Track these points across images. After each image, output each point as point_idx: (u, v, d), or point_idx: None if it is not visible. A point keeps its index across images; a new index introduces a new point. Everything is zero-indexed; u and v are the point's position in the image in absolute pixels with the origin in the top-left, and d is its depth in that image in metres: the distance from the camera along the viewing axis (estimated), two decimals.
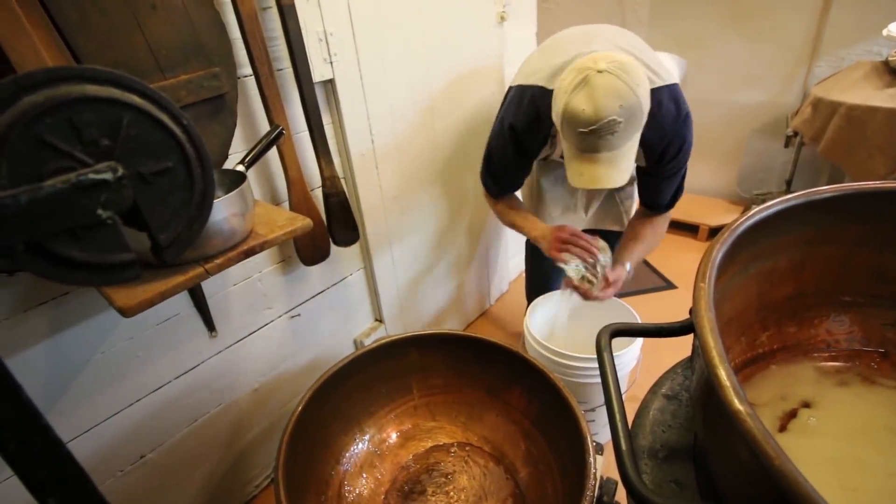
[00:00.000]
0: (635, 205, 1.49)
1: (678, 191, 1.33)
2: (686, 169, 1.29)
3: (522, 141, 1.25)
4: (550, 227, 1.33)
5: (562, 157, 1.37)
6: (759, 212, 0.56)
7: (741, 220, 0.55)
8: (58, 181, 0.26)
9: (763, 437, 0.34)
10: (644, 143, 1.15)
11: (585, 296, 1.26)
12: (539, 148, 1.27)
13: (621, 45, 1.13)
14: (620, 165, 1.03)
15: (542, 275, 1.84)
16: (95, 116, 0.33)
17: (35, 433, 0.29)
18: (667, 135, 1.15)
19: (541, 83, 1.15)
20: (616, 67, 0.96)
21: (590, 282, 1.25)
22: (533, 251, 1.83)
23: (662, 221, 1.40)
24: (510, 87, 1.29)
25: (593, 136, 0.99)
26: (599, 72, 0.96)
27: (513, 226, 1.46)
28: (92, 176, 0.28)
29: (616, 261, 1.32)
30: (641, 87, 0.99)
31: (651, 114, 1.07)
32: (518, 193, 1.53)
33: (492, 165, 1.39)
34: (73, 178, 0.27)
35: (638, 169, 1.32)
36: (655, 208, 1.37)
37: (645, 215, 1.41)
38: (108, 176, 0.29)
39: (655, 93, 1.09)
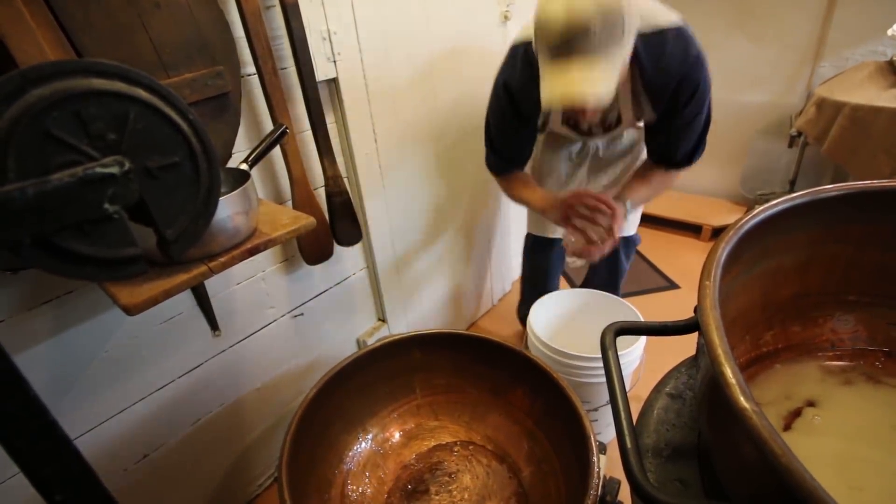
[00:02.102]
0: None
1: (698, 146, 1.22)
2: (707, 119, 1.19)
3: (519, 100, 1.18)
4: (556, 196, 1.28)
5: (563, 123, 1.34)
6: (764, 210, 0.56)
7: (746, 218, 0.55)
8: (64, 175, 0.26)
9: (769, 435, 0.33)
10: (650, 90, 1.11)
11: (590, 258, 1.21)
12: (536, 108, 1.18)
13: None
14: (597, 75, 0.91)
15: (538, 270, 1.84)
16: (102, 110, 0.33)
17: (42, 430, 0.29)
18: (673, 78, 1.08)
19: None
20: None
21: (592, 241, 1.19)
22: (532, 246, 1.82)
23: (674, 175, 1.30)
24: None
25: (565, 35, 0.89)
26: None
27: (519, 200, 1.41)
28: (99, 170, 0.28)
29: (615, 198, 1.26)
30: None
31: (654, 58, 1.05)
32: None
33: (491, 136, 1.33)
34: (80, 171, 0.27)
35: (648, 127, 1.25)
36: (669, 164, 1.26)
37: (656, 165, 1.31)
38: (114, 170, 0.29)
39: (658, 36, 1.05)
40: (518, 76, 1.16)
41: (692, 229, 2.69)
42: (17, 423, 0.28)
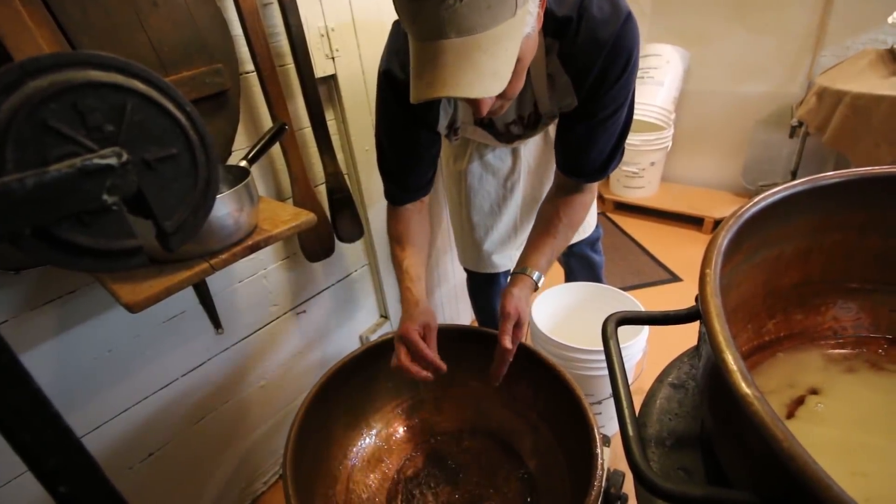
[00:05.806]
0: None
1: (616, 149, 0.96)
2: (630, 112, 0.94)
3: (406, 93, 0.77)
4: (416, 308, 1.01)
5: (476, 123, 1.09)
6: (764, 198, 0.56)
7: (747, 206, 0.55)
8: (63, 166, 0.27)
9: (772, 420, 0.33)
10: (571, 68, 0.86)
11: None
12: (431, 103, 0.90)
13: None
14: (478, 59, 0.64)
15: (485, 314, 1.68)
16: (100, 102, 0.34)
17: (46, 422, 0.30)
18: (601, 48, 0.81)
19: None
20: None
21: None
22: (471, 285, 1.66)
23: (580, 203, 1.03)
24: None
25: (429, 6, 0.62)
26: None
27: (393, 258, 1.11)
28: (97, 161, 0.28)
29: (518, 271, 1.02)
30: None
31: (577, 21, 0.80)
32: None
33: (383, 149, 1.05)
34: (78, 162, 0.27)
35: (562, 118, 0.98)
36: (577, 175, 1.00)
37: (558, 195, 1.05)
38: (112, 161, 0.29)
39: None
40: (403, 59, 0.88)
41: (694, 222, 2.69)
42: (21, 416, 0.28)
